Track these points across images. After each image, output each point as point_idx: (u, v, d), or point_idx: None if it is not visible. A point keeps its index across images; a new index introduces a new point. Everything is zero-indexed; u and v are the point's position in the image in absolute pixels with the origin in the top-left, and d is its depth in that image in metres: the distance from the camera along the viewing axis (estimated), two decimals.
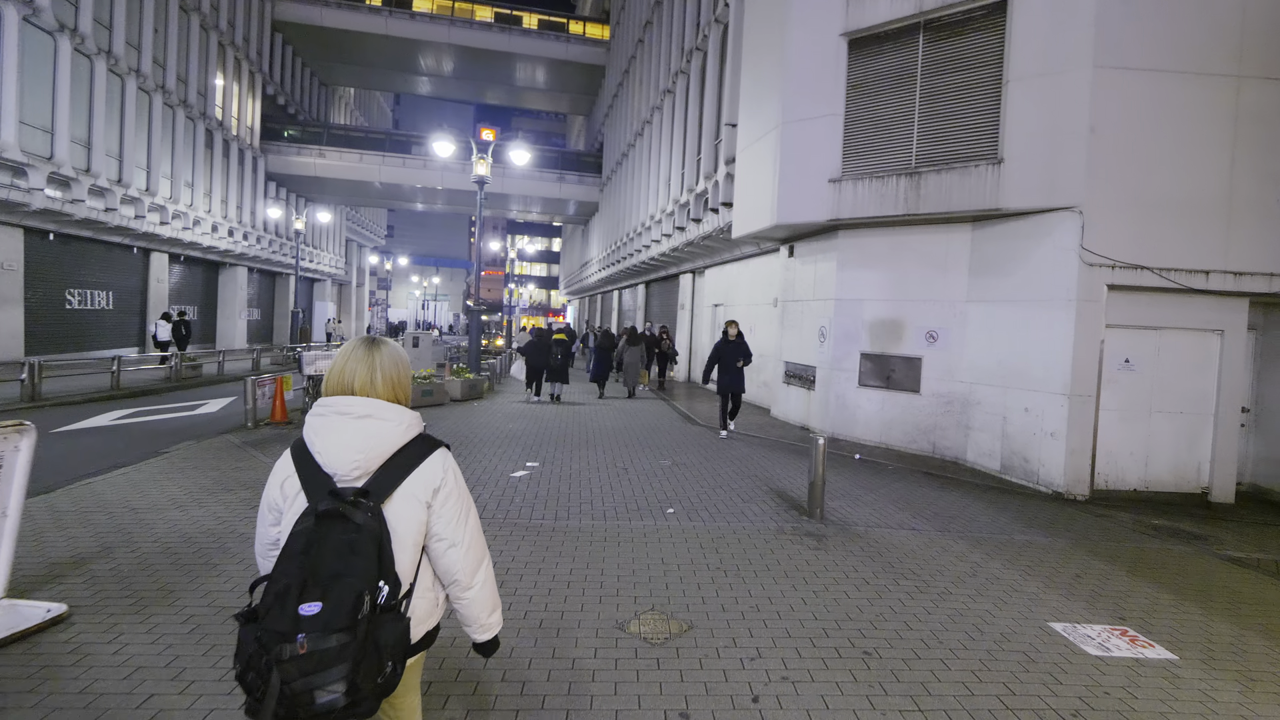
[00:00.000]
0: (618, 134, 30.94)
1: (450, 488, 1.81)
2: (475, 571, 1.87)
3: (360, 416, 1.74)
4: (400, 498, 1.73)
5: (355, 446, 1.71)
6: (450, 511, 1.80)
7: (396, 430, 1.77)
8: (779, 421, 12.51)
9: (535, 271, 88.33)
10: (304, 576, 1.51)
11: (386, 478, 1.72)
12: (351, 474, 1.70)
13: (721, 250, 16.86)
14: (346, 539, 1.56)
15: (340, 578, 1.52)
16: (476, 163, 15.84)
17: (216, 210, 28.13)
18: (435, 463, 1.80)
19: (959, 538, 5.94)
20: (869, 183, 9.73)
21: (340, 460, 1.70)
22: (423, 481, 1.76)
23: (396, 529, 1.71)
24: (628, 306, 33.22)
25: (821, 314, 11.19)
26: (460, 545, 1.82)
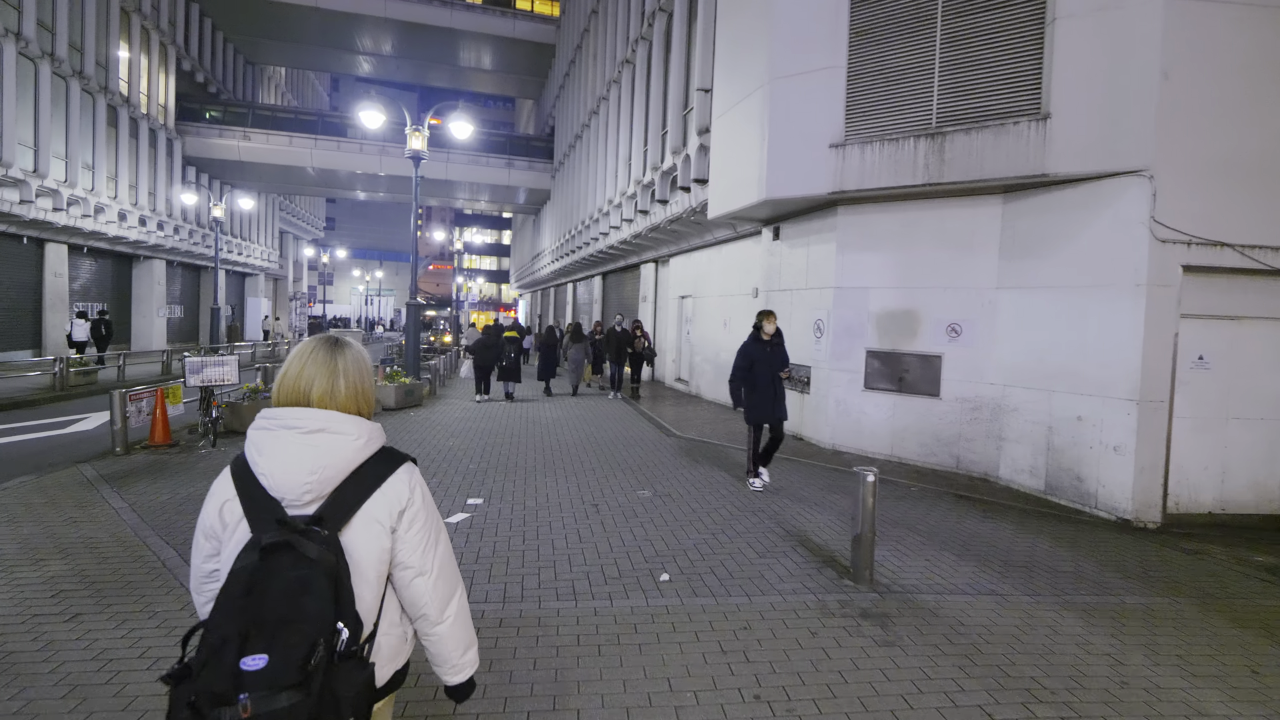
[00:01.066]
0: (570, 115, 28.96)
1: (418, 508, 1.56)
2: (446, 604, 1.61)
3: (312, 431, 1.47)
4: (360, 523, 1.48)
5: (306, 466, 1.45)
6: (417, 536, 1.55)
7: (354, 445, 1.51)
8: None
9: (485, 265, 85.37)
10: (246, 624, 1.26)
11: (343, 501, 1.47)
12: (303, 498, 1.45)
13: (690, 235, 15.19)
14: (297, 576, 1.32)
15: (290, 623, 1.27)
16: (411, 136, 13.78)
17: (124, 196, 25.10)
18: (400, 481, 1.55)
19: (1056, 603, 4.38)
20: (879, 147, 8.17)
21: (289, 482, 1.44)
22: (385, 503, 1.51)
23: (356, 560, 1.46)
24: (583, 300, 31.32)
25: (817, 305, 9.62)
26: (429, 574, 1.57)
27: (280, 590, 1.30)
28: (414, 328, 13.85)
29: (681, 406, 13.46)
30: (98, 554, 4.81)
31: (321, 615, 1.31)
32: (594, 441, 9.52)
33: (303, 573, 1.33)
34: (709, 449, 9.15)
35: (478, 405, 13.20)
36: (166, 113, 28.80)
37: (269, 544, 1.34)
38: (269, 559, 1.33)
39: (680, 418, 11.80)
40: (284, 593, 1.30)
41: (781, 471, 7.89)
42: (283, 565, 1.33)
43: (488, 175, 33.75)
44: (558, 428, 10.68)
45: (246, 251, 38.54)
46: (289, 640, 1.26)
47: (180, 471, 7.28)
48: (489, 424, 10.90)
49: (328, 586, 1.34)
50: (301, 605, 1.30)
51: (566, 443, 9.36)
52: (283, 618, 1.28)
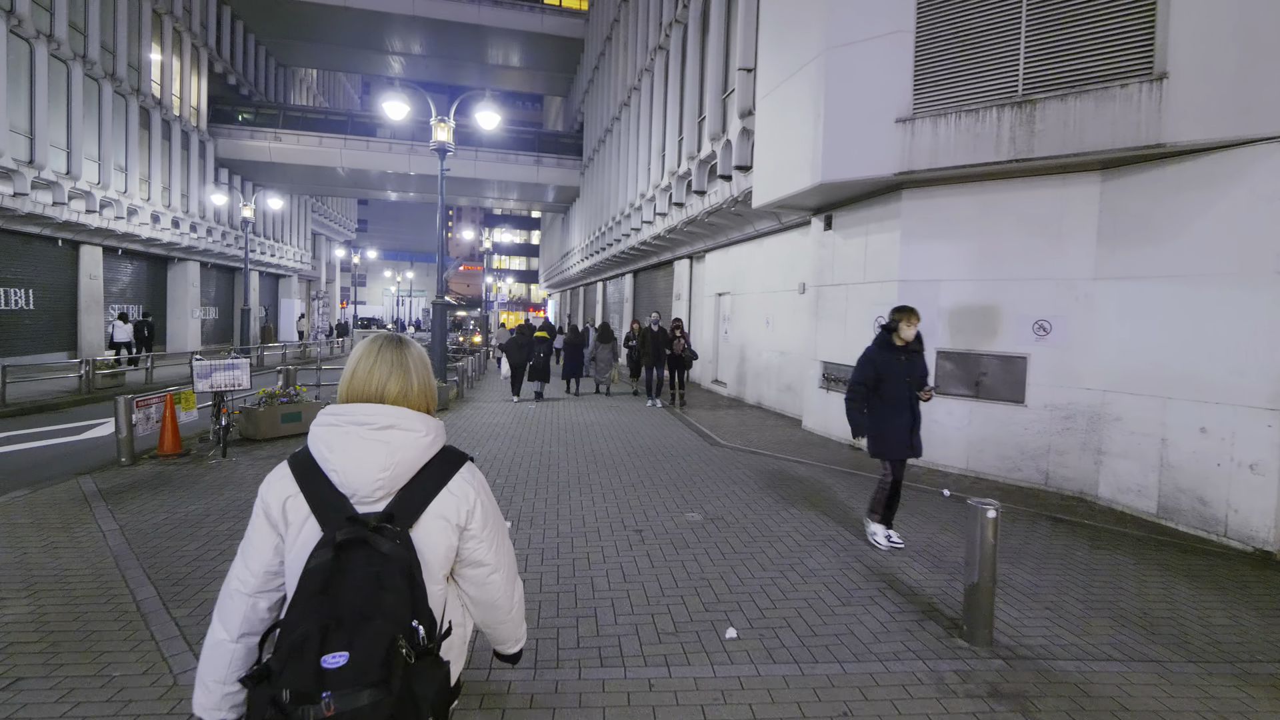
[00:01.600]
0: (599, 109, 28.22)
1: (487, 506, 1.55)
2: (514, 593, 1.65)
3: (383, 427, 1.43)
4: (429, 521, 1.45)
5: (379, 463, 1.41)
6: (489, 535, 1.55)
7: (424, 442, 1.47)
8: (817, 438, 10.00)
9: (514, 265, 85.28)
10: (325, 621, 1.23)
11: (413, 498, 1.44)
12: (374, 494, 1.41)
13: (728, 228, 14.30)
14: (373, 572, 1.29)
15: (369, 620, 1.24)
16: (436, 128, 13.14)
17: (157, 198, 25.07)
18: (464, 480, 1.52)
19: (1234, 675, 3.44)
20: (955, 120, 7.21)
21: (361, 478, 1.40)
22: (454, 502, 1.48)
23: (425, 557, 1.43)
24: (613, 299, 30.57)
25: (877, 301, 8.68)
26: (501, 569, 1.58)
27: (357, 586, 1.28)
28: (440, 328, 13.21)
29: (721, 411, 12.60)
30: (68, 592, 4.15)
31: (399, 611, 1.28)
32: (631, 450, 8.71)
33: (378, 569, 1.30)
34: (758, 462, 8.28)
35: (508, 407, 12.51)
36: (199, 115, 28.80)
37: (344, 540, 1.31)
38: (343, 556, 1.31)
39: (721, 424, 10.94)
40: (361, 589, 1.27)
41: (844, 488, 6.99)
42: (357, 562, 1.30)
43: (516, 173, 33.20)
44: (591, 434, 9.90)
45: (279, 253, 38.63)
46: (369, 637, 1.23)
47: (184, 486, 6.67)
48: (518, 429, 10.17)
49: (403, 582, 1.31)
50: (379, 601, 1.27)
51: (601, 452, 8.57)
52: (361, 614, 1.24)
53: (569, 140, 34.84)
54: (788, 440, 9.65)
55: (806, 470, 7.83)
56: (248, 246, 23.64)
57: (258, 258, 35.42)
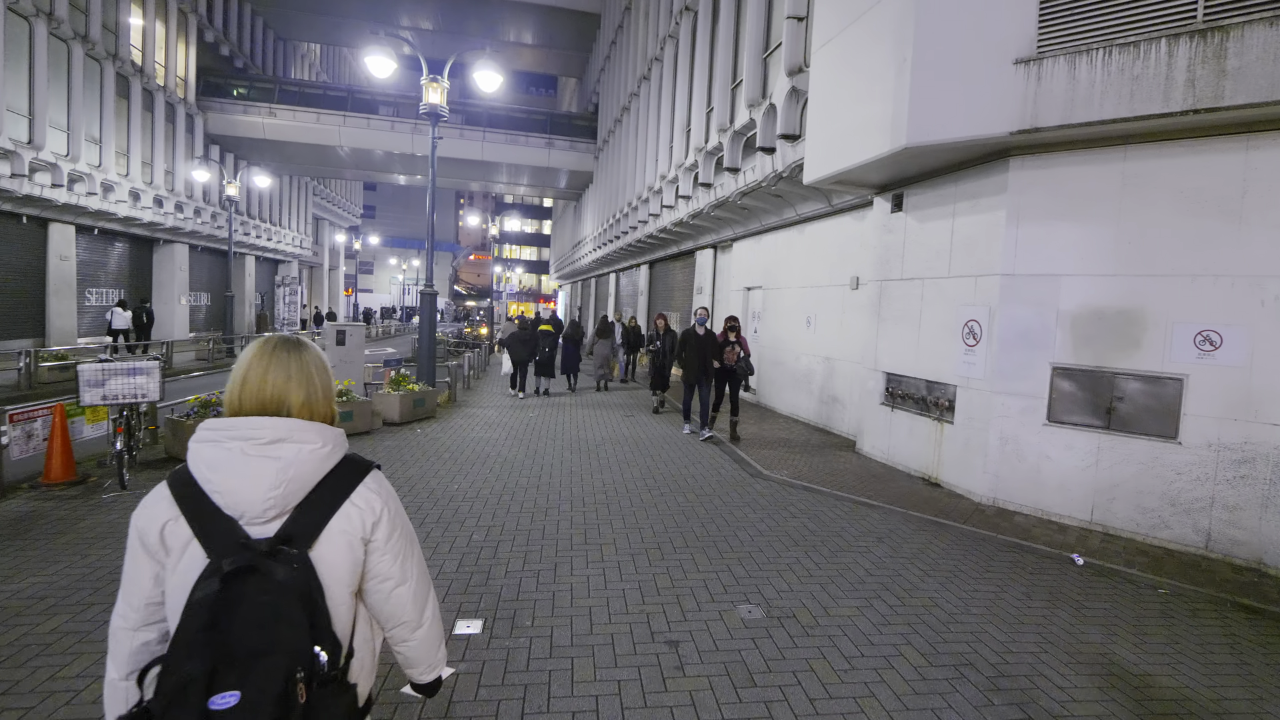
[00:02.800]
0: (616, 86, 26.29)
1: (393, 516, 1.43)
2: (425, 608, 1.52)
3: (271, 442, 1.30)
4: (330, 539, 1.33)
5: (268, 481, 1.28)
6: (396, 546, 1.43)
7: (320, 455, 1.35)
8: (879, 466, 8.16)
9: (525, 255, 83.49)
10: (212, 660, 1.12)
11: (311, 515, 1.32)
12: (265, 515, 1.29)
13: (763, 212, 12.44)
14: (266, 602, 1.19)
15: (263, 656, 1.14)
16: (428, 88, 11.32)
17: (137, 174, 23.37)
18: (369, 490, 1.40)
19: None
20: (1102, 59, 5.34)
21: (249, 499, 1.28)
22: (358, 515, 1.36)
23: (327, 578, 1.31)
24: (626, 291, 28.72)
25: (969, 300, 6.84)
26: (409, 582, 1.46)
27: (248, 620, 1.16)
28: (429, 321, 11.43)
29: (752, 425, 10.76)
30: None
31: (297, 642, 1.18)
32: (651, 483, 6.91)
33: (272, 598, 1.19)
34: (818, 505, 6.45)
35: (504, 416, 10.74)
36: (186, 86, 27.06)
37: (231, 570, 1.19)
38: (232, 586, 1.18)
39: (760, 444, 9.10)
40: (253, 622, 1.16)
41: (938, 546, 5.16)
42: (249, 592, 1.18)
43: (526, 156, 31.31)
44: (601, 457, 8.10)
45: (277, 237, 36.97)
46: (263, 674, 1.13)
47: (60, 532, 4.91)
48: (511, 450, 8.37)
49: (302, 611, 1.21)
50: (274, 634, 1.16)
51: (613, 487, 6.77)
52: (254, 650, 1.14)
53: (582, 122, 32.90)
54: (844, 470, 7.81)
55: (882, 518, 5.99)
56: (231, 227, 21.94)
57: (254, 242, 33.81)
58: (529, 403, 12.52)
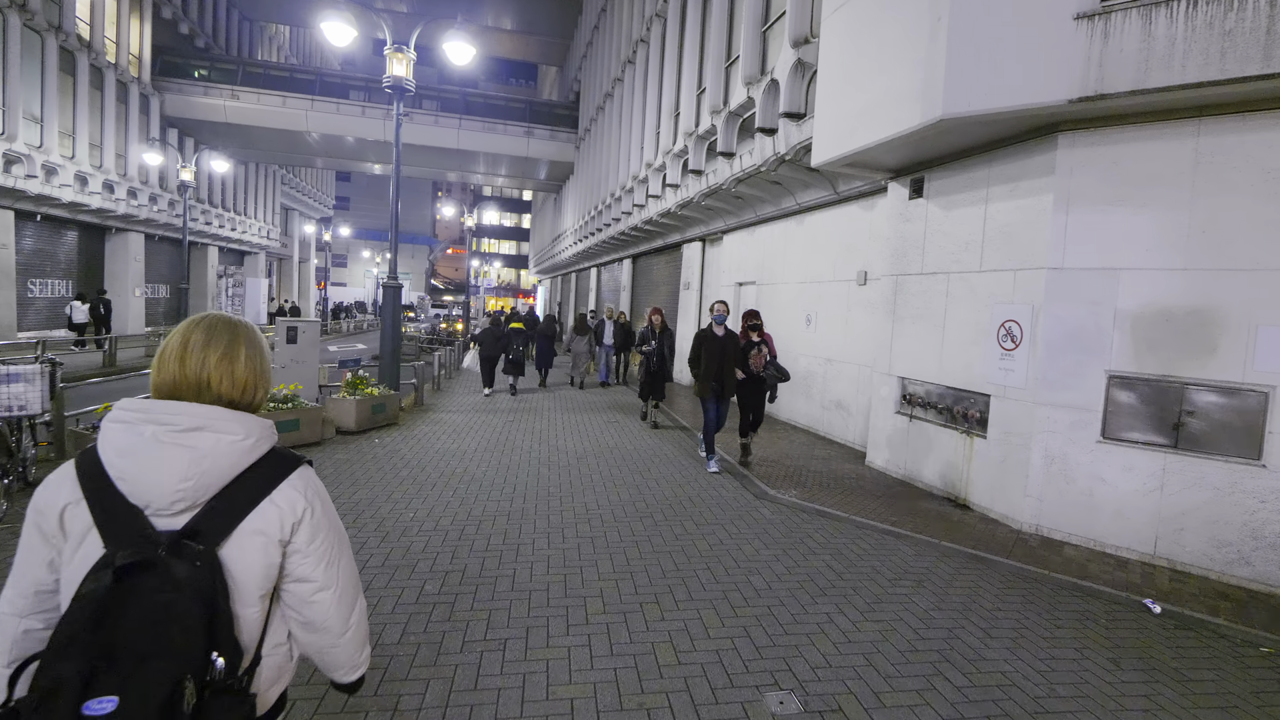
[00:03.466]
0: (598, 73, 25.23)
1: (318, 517, 1.32)
2: (350, 615, 1.39)
3: (187, 429, 1.20)
4: (243, 537, 1.23)
5: (179, 472, 1.18)
6: (320, 549, 1.32)
7: (241, 447, 1.25)
8: (894, 481, 7.30)
9: (504, 249, 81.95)
10: (92, 661, 1.03)
11: (224, 511, 1.22)
12: (173, 507, 1.19)
13: (760, 201, 11.54)
14: (161, 602, 1.09)
15: (149, 659, 1.05)
16: (391, 59, 10.22)
17: (85, 157, 21.85)
18: (293, 488, 1.29)
19: None
20: (1181, 11, 4.49)
21: (156, 490, 1.18)
22: (277, 514, 1.26)
23: (237, 579, 1.22)
24: (608, 286, 27.73)
25: (1007, 297, 5.98)
26: (333, 588, 1.34)
27: (139, 619, 1.08)
28: (392, 316, 10.35)
29: None
30: None
31: (189, 647, 1.09)
32: (642, 508, 5.96)
33: (168, 597, 1.10)
34: (837, 534, 5.56)
35: (476, 420, 9.73)
36: (141, 65, 25.50)
37: (125, 564, 1.10)
38: (125, 582, 1.10)
39: (759, 457, 8.19)
40: (144, 622, 1.08)
41: (988, 591, 4.28)
42: (144, 589, 1.10)
43: (504, 145, 30.11)
44: (583, 473, 7.13)
45: (242, 227, 35.37)
46: (147, 679, 1.04)
47: None
48: (479, 464, 7.38)
49: (199, 613, 1.12)
50: (164, 637, 1.08)
51: (597, 513, 5.81)
52: (141, 653, 1.06)
53: (563, 111, 31.76)
54: (857, 487, 6.93)
55: (915, 553, 5.11)
56: (186, 213, 20.49)
57: (215, 231, 32.24)
58: (502, 405, 11.51)
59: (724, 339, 7.43)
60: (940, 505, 6.40)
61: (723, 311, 7.54)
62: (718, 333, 7.44)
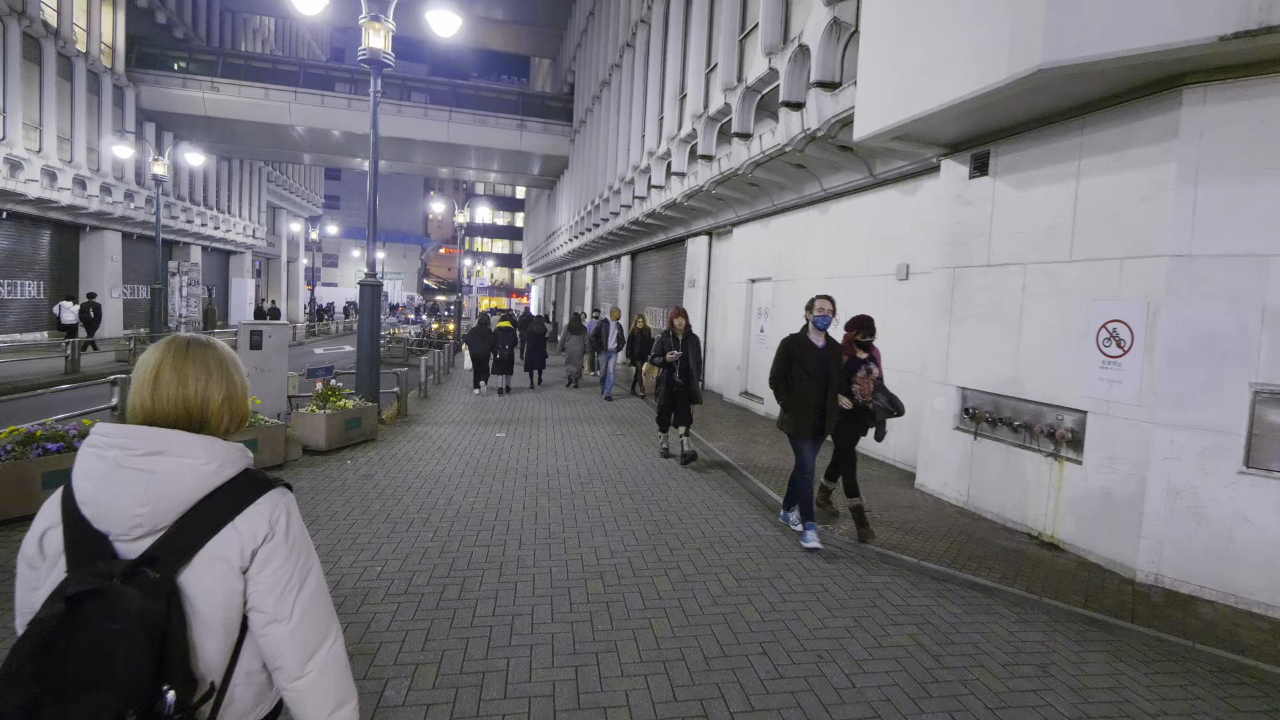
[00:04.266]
0: (594, 61, 24.09)
1: (277, 542, 1.22)
2: (310, 656, 1.24)
3: (146, 454, 1.16)
4: (203, 563, 1.16)
5: (135, 497, 1.14)
6: (273, 576, 1.21)
7: (202, 472, 1.19)
8: (954, 510, 6.20)
9: (497, 248, 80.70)
10: (38, 690, 1.00)
11: (183, 537, 1.16)
12: (131, 533, 1.15)
13: (777, 189, 10.44)
14: (109, 631, 1.05)
15: (91, 691, 1.02)
16: (367, 30, 9.07)
17: (52, 150, 20.61)
18: (259, 513, 1.21)
19: None
20: None
21: (114, 514, 1.14)
22: (237, 539, 1.18)
23: (198, 607, 1.16)
24: (605, 285, 26.63)
25: (1112, 291, 4.90)
26: (286, 620, 1.22)
27: (85, 648, 1.03)
28: (371, 318, 9.20)
29: (769, 448, 8.77)
30: None
31: (133, 679, 1.04)
32: (665, 556, 4.85)
33: (118, 627, 1.05)
34: (911, 587, 4.46)
35: (461, 434, 8.61)
36: (114, 55, 24.24)
37: (75, 593, 1.07)
38: (79, 609, 1.05)
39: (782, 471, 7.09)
40: (90, 652, 1.03)
41: (1135, 682, 3.19)
42: (94, 618, 1.05)
43: (496, 138, 28.94)
44: (588, 505, 6.03)
45: (226, 225, 34.08)
46: (86, 712, 1.01)
47: None
48: (465, 492, 6.26)
49: (147, 644, 1.06)
50: (109, 668, 1.03)
51: (611, 564, 4.70)
52: (85, 682, 1.02)
53: (557, 103, 30.62)
54: (915, 520, 5.84)
55: (1017, 618, 4.01)
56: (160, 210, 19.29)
57: (197, 230, 30.96)
58: (494, 414, 10.38)
59: (825, 351, 5.09)
60: (1022, 544, 5.31)
61: (828, 312, 5.10)
62: (817, 342, 5.09)
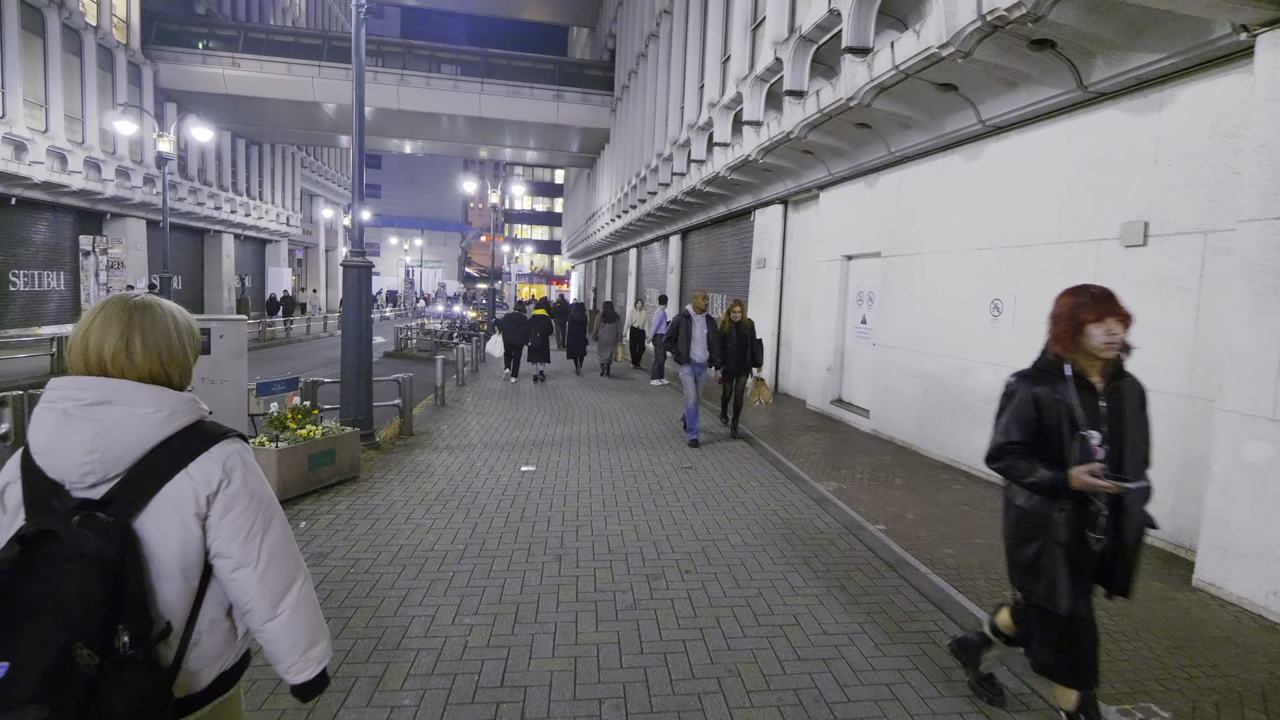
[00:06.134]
0: (638, 15, 21.45)
1: (235, 490, 1.30)
2: (280, 598, 1.34)
3: (94, 403, 1.22)
4: (157, 510, 1.23)
5: (84, 444, 1.20)
6: (235, 523, 1.29)
7: (152, 420, 1.25)
8: (1254, 621, 3.61)
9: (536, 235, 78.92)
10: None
11: (136, 484, 1.23)
12: (84, 480, 1.21)
13: (901, 129, 7.82)
14: (61, 571, 1.12)
15: (40, 628, 1.09)
16: None
17: (60, 131, 19.11)
18: (211, 461, 1.28)
19: None
20: None
21: (66, 463, 1.21)
22: (190, 487, 1.25)
23: (154, 552, 1.23)
24: (650, 269, 24.14)
25: None
26: (253, 564, 1.31)
27: (38, 589, 1.10)
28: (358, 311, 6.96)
29: (889, 481, 6.24)
30: None
31: (81, 616, 1.11)
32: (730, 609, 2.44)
33: (70, 568, 1.12)
34: None
35: (475, 468, 6.36)
36: (129, 30, 22.69)
37: (28, 534, 1.15)
38: (32, 552, 1.13)
39: (923, 522, 4.56)
40: (43, 591, 1.10)
41: None
42: (48, 559, 1.12)
43: (531, 111, 26.60)
44: (655, 621, 3.65)
45: (259, 212, 32.69)
46: (34, 647, 1.07)
47: None
48: (458, 609, 3.96)
49: (98, 584, 1.13)
50: (60, 604, 1.10)
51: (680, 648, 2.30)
52: (35, 621, 1.09)
53: (596, 71, 28.11)
54: (1224, 676, 3.29)
55: None
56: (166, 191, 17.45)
57: (226, 217, 29.57)
58: (524, 419, 8.08)
59: None
60: None
61: None
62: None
